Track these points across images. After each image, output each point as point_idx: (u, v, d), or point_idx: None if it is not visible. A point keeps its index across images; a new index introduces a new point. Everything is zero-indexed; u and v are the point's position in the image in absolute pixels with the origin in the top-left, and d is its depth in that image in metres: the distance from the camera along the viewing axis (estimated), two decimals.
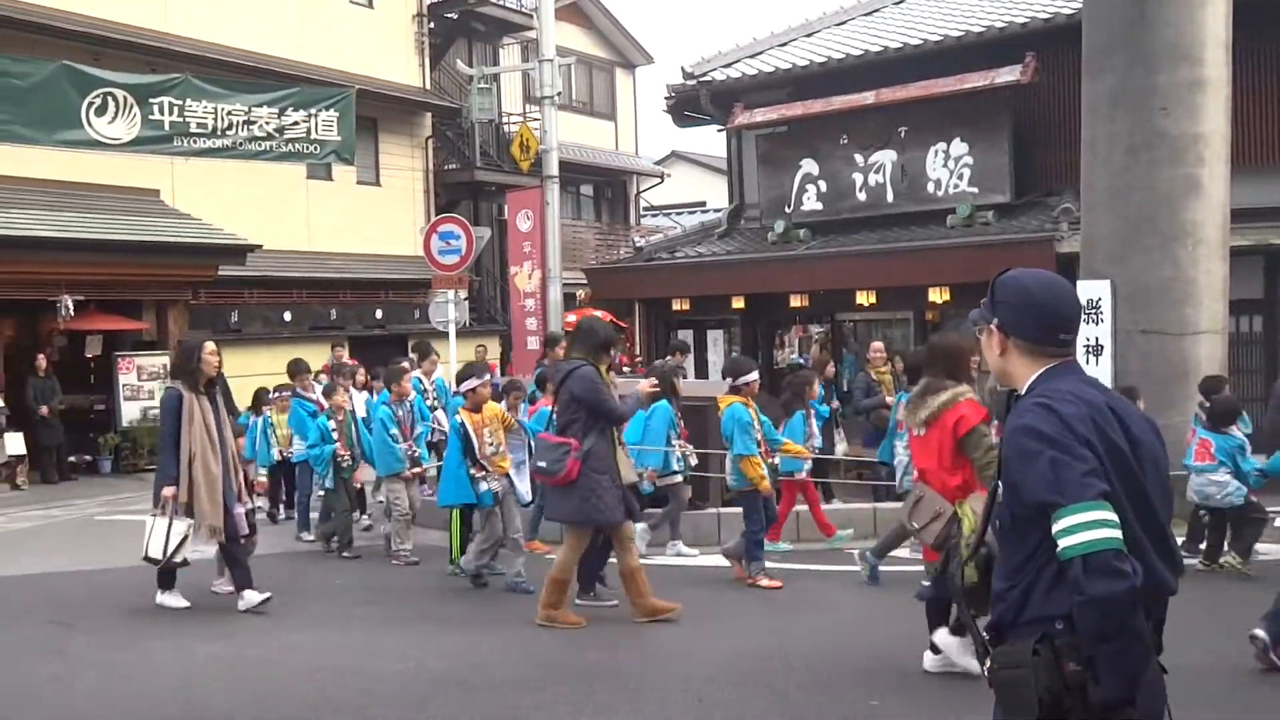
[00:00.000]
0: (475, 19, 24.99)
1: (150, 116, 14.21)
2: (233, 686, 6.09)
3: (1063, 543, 2.41)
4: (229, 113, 14.92)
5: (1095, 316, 11.11)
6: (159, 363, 16.93)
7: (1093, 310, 11.07)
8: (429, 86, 23.84)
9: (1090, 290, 11.08)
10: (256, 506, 9.75)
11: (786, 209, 17.03)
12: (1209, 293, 10.98)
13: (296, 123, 15.55)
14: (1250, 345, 13.56)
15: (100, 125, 13.84)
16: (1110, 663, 2.39)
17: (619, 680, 6.09)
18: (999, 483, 2.68)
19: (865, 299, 15.97)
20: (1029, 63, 14.56)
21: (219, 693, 5.97)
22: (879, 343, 12.97)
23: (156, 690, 6.04)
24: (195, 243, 17.22)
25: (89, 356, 17.55)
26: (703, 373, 17.39)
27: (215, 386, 7.89)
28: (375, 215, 22.07)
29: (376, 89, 20.94)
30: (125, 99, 14.02)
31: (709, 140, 65.64)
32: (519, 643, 6.89)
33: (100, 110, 13.82)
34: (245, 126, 15.10)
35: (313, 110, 15.74)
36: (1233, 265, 11.23)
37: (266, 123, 15.28)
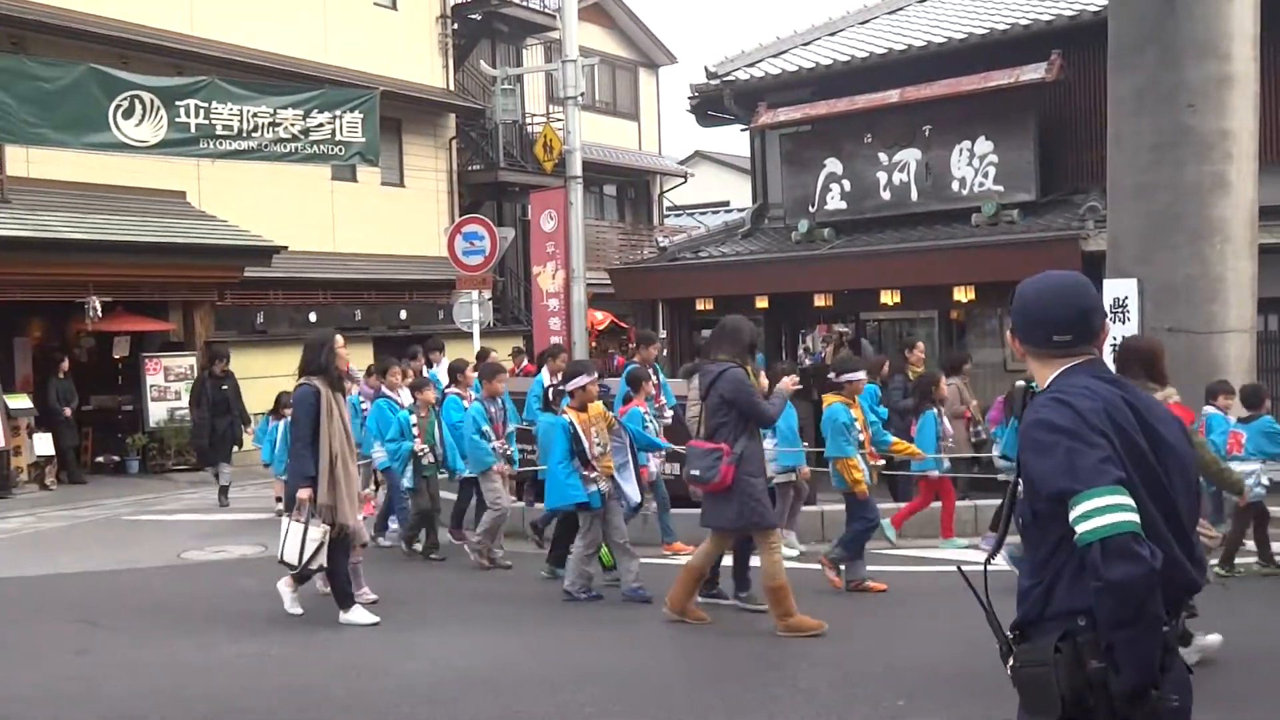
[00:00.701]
0: (499, 20, 25.01)
1: (177, 119, 14.28)
2: (261, 685, 6.12)
3: (1080, 528, 2.41)
4: (254, 115, 14.99)
5: (1122, 315, 11.01)
6: (185, 363, 17.08)
7: (1120, 309, 10.98)
8: (453, 88, 23.91)
9: (1117, 289, 10.98)
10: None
11: (810, 208, 16.96)
12: (1237, 291, 10.87)
13: (321, 124, 15.60)
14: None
15: (127, 128, 13.92)
16: (1128, 649, 2.38)
17: (648, 681, 6.11)
18: (1018, 479, 2.68)
19: (889, 298, 15.88)
20: (1054, 60, 14.44)
21: (247, 691, 6.00)
22: (921, 344, 12.86)
23: (183, 689, 6.07)
24: (221, 244, 17.35)
25: (116, 357, 17.71)
26: None
27: (344, 383, 7.69)
28: (399, 216, 22.16)
29: (400, 90, 21.00)
30: (152, 101, 14.10)
31: (733, 140, 65.80)
32: (554, 644, 6.91)
33: (127, 113, 13.89)
34: (270, 128, 15.17)
35: (337, 112, 15.79)
36: (1261, 263, 11.10)
37: (291, 125, 15.35)
